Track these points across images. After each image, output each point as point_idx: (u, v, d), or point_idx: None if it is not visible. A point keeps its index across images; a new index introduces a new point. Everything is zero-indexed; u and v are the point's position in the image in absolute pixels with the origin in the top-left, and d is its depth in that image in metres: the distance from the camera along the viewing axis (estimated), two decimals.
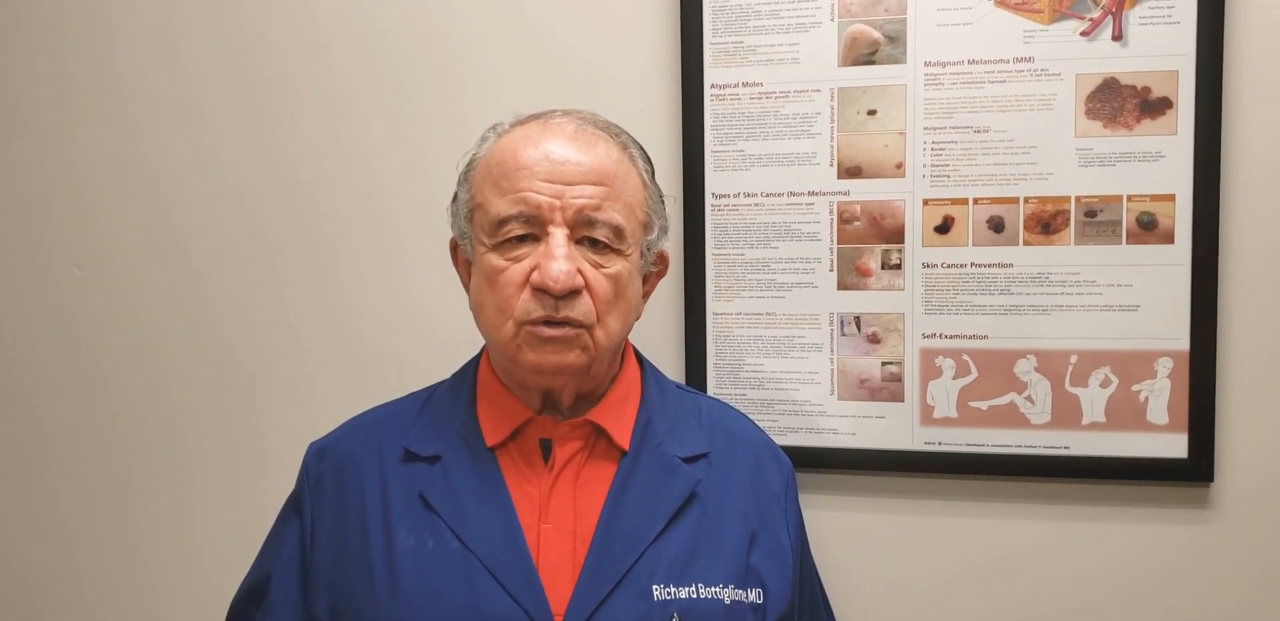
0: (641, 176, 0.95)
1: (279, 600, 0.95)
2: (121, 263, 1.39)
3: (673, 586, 0.87)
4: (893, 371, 1.19)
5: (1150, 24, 1.11)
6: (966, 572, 1.20)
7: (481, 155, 0.94)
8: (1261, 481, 1.14)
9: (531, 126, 0.93)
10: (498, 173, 0.90)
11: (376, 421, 1.00)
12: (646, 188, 0.95)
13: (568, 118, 0.94)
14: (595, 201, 0.89)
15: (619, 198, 0.90)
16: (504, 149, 0.92)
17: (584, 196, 0.88)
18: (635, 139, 0.97)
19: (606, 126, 0.95)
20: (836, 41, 1.17)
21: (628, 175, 0.93)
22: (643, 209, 0.94)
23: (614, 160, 0.92)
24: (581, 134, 0.92)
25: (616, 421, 0.95)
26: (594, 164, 0.90)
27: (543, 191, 0.88)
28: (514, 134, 0.93)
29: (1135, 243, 1.13)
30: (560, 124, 0.93)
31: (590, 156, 0.90)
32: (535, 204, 0.88)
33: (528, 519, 0.89)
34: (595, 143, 0.92)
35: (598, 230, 0.89)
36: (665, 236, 0.99)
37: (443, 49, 1.28)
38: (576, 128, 0.92)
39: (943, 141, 1.16)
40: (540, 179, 0.88)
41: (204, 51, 1.35)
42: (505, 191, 0.89)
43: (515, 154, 0.90)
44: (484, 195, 0.91)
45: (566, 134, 0.91)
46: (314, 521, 0.95)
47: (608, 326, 0.91)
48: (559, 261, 0.87)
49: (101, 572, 1.43)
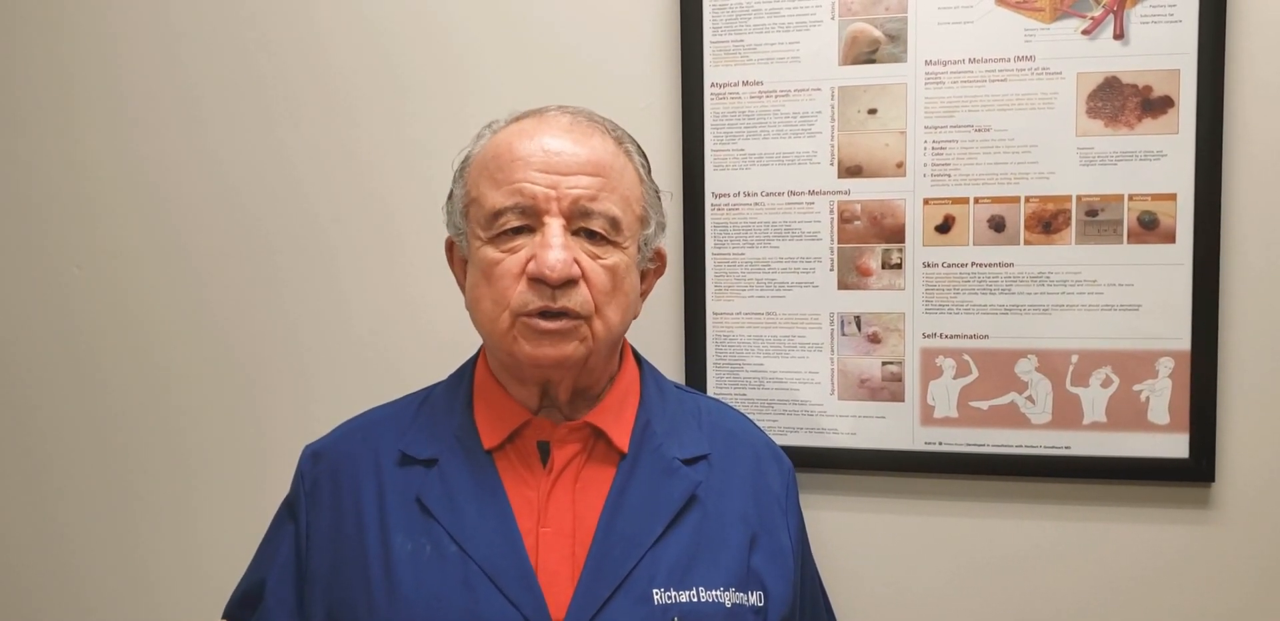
0: (638, 171, 0.95)
1: (274, 605, 0.95)
2: (121, 262, 1.39)
3: (673, 590, 0.87)
4: (893, 371, 1.19)
5: (1152, 23, 1.10)
6: (967, 572, 1.20)
7: (477, 151, 0.94)
8: (1262, 481, 1.14)
9: (527, 121, 0.93)
10: (493, 166, 0.90)
11: (372, 424, 0.99)
12: (643, 182, 0.95)
13: (562, 112, 0.94)
14: (591, 192, 0.88)
15: (615, 189, 0.90)
16: (499, 143, 0.92)
17: (580, 186, 0.88)
18: (631, 135, 0.97)
19: (602, 121, 0.95)
20: (837, 40, 1.16)
21: (624, 168, 0.92)
22: (639, 203, 0.94)
23: (610, 152, 0.91)
24: (577, 126, 0.92)
25: (615, 423, 0.94)
26: (590, 155, 0.90)
27: (538, 182, 0.88)
28: (509, 129, 0.93)
29: (1136, 242, 1.12)
30: (555, 117, 0.93)
31: (586, 148, 0.90)
32: (531, 194, 0.88)
33: (526, 522, 0.89)
34: (591, 135, 0.92)
35: (594, 221, 0.89)
36: (663, 233, 0.98)
37: (443, 48, 1.28)
38: (571, 121, 0.93)
39: (943, 140, 1.15)
40: (536, 170, 0.88)
41: (204, 51, 1.34)
42: (501, 183, 0.89)
43: (511, 147, 0.90)
44: (480, 189, 0.91)
45: (562, 126, 0.92)
46: (309, 525, 0.95)
47: (606, 318, 0.90)
48: (555, 250, 0.86)
49: (100, 573, 1.43)
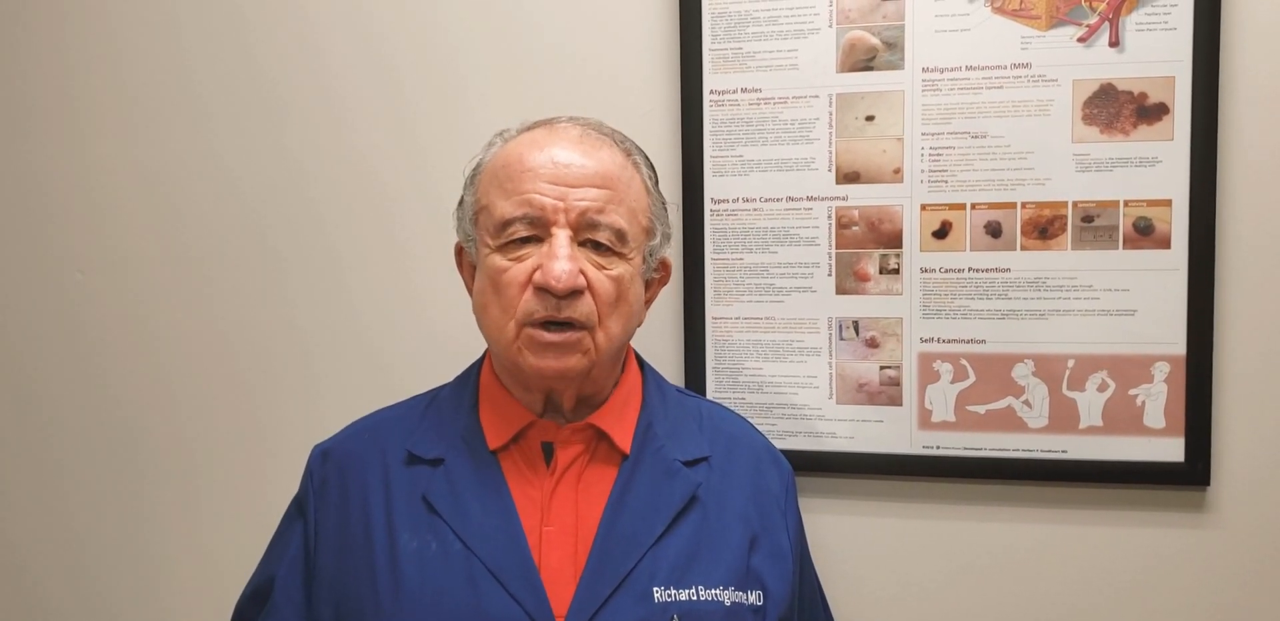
0: (645, 183, 0.96)
1: (282, 602, 0.96)
2: (124, 267, 1.40)
3: (673, 588, 0.88)
4: (891, 375, 1.20)
5: (1147, 30, 1.11)
6: (965, 576, 1.21)
7: (488, 160, 0.96)
8: (1258, 485, 1.14)
9: (538, 132, 0.95)
10: (503, 175, 0.92)
11: (380, 424, 1.01)
12: (650, 194, 0.96)
13: (573, 123, 0.96)
14: (599, 204, 0.90)
15: (622, 201, 0.92)
16: (510, 153, 0.93)
17: (587, 199, 0.89)
18: (640, 147, 0.98)
19: (611, 133, 0.97)
20: (835, 48, 1.18)
21: (631, 180, 0.94)
22: (645, 214, 0.95)
23: (618, 165, 0.93)
24: (586, 139, 0.93)
25: (618, 425, 0.95)
26: (598, 168, 0.91)
27: (547, 193, 0.89)
28: (520, 139, 0.95)
29: (1132, 247, 1.13)
30: (565, 129, 0.94)
31: (594, 160, 0.91)
32: (539, 205, 0.89)
33: (530, 521, 0.90)
34: (600, 147, 0.93)
35: (600, 232, 0.90)
36: (668, 244, 1.00)
37: (446, 57, 1.29)
38: (581, 133, 0.94)
39: (940, 147, 1.16)
40: (545, 181, 0.89)
41: (209, 56, 1.35)
42: (510, 193, 0.90)
43: (521, 157, 0.91)
44: (489, 198, 0.92)
45: (571, 138, 0.93)
46: (318, 523, 0.96)
47: (609, 329, 0.92)
48: (561, 261, 0.87)
49: (111, 573, 1.43)
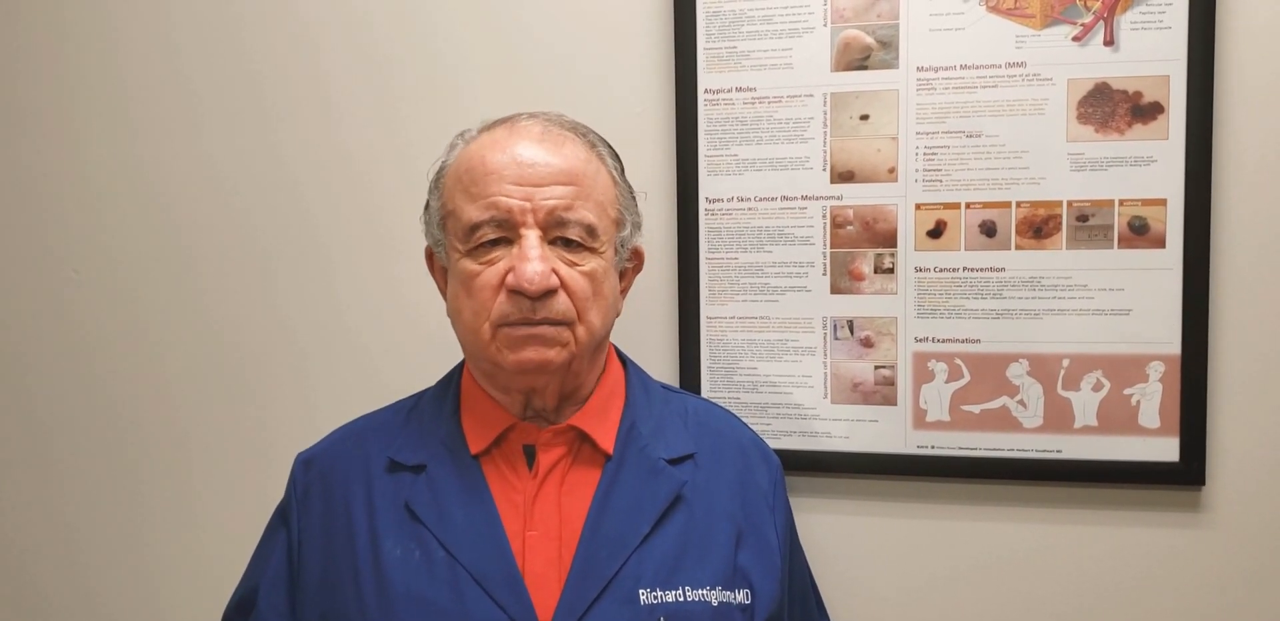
0: (611, 174, 0.95)
1: (267, 611, 0.96)
2: (118, 266, 1.40)
3: (659, 590, 0.88)
4: (885, 375, 1.19)
5: (1142, 29, 1.11)
6: (959, 576, 1.21)
7: (450, 162, 0.95)
8: (1253, 485, 1.14)
9: (498, 131, 0.94)
10: (467, 179, 0.91)
11: (362, 431, 1.01)
12: (617, 185, 0.96)
13: (534, 120, 0.94)
14: (566, 201, 0.89)
15: (589, 196, 0.91)
16: (472, 155, 0.92)
17: (554, 197, 0.89)
18: (603, 137, 0.98)
19: (574, 126, 0.96)
20: (829, 47, 1.17)
21: (597, 173, 0.93)
22: (614, 206, 0.94)
23: (582, 159, 0.92)
24: (548, 135, 0.92)
25: (600, 425, 0.95)
26: (563, 164, 0.90)
27: (513, 195, 0.88)
28: (481, 139, 0.94)
29: (1127, 247, 1.13)
30: (527, 126, 0.93)
31: (559, 157, 0.91)
32: (506, 208, 0.88)
33: (513, 526, 0.90)
34: (563, 143, 0.92)
35: (570, 230, 0.90)
36: (639, 232, 0.99)
37: (437, 56, 1.29)
38: (543, 129, 0.93)
39: (935, 146, 1.16)
40: (510, 182, 0.89)
41: (202, 57, 1.36)
42: (476, 197, 0.89)
43: (483, 159, 0.91)
44: (455, 202, 0.91)
45: (533, 136, 0.92)
46: (301, 532, 0.96)
47: (589, 323, 0.91)
48: (533, 263, 0.87)
49: (105, 575, 1.44)
